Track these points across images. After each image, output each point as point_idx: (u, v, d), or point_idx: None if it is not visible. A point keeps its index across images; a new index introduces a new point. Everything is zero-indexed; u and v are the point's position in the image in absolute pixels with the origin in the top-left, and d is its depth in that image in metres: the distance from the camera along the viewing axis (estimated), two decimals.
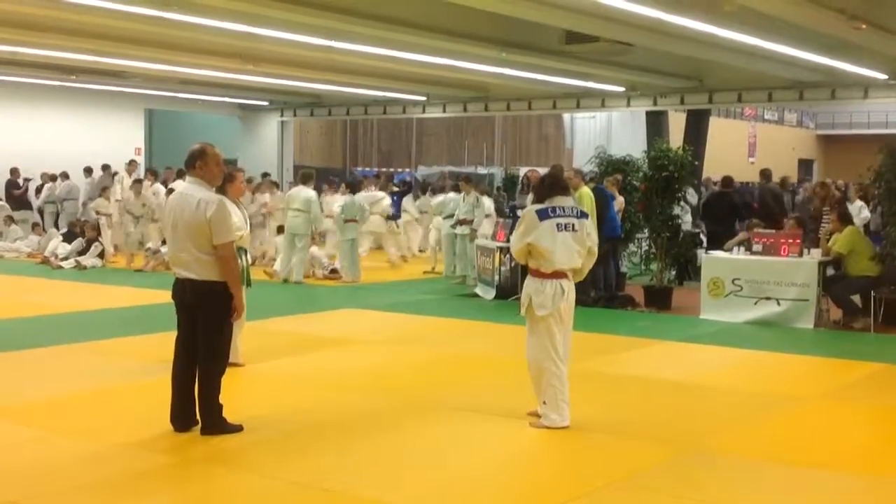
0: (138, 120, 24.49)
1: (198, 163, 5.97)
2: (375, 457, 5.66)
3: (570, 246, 6.27)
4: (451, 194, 16.01)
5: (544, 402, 6.25)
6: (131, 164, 20.04)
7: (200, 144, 6.11)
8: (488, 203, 15.72)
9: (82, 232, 17.27)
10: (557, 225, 6.24)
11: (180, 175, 17.30)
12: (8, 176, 20.94)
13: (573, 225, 6.29)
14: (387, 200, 17.49)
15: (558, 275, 6.26)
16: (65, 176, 20.48)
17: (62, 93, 21.61)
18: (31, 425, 6.26)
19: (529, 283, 6.36)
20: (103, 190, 17.96)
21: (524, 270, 13.07)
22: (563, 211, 6.31)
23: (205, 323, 5.95)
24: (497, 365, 8.58)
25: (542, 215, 6.25)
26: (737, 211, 14.74)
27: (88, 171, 20.37)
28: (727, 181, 15.54)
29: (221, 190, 6.92)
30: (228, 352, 6.20)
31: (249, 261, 8.18)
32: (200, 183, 5.97)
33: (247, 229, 7.89)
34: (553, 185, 6.46)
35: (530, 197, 16.47)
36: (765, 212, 14.46)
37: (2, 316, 10.86)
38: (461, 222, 14.79)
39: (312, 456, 5.65)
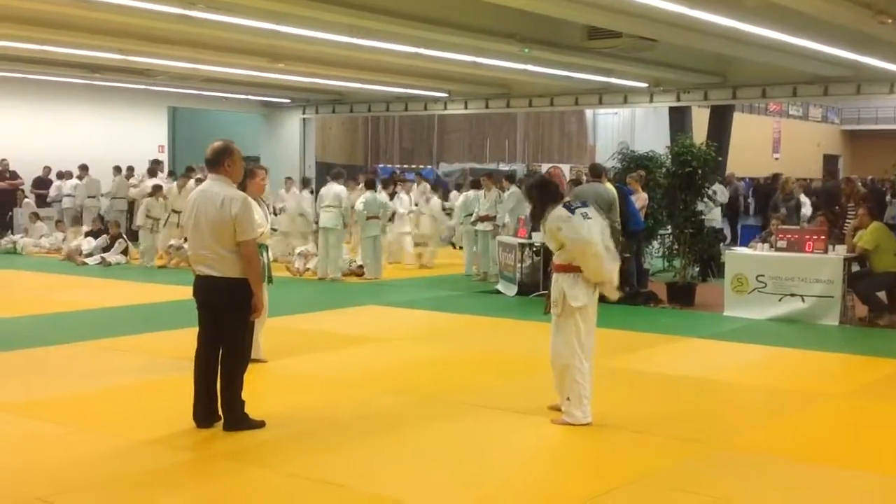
0: (162, 118, 24.65)
1: (226, 161, 5.97)
2: (396, 455, 5.67)
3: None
4: (471, 192, 15.98)
5: (567, 399, 6.24)
6: (156, 164, 20.19)
7: (224, 142, 6.11)
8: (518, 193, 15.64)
9: (106, 229, 17.41)
10: (583, 214, 6.28)
11: None
12: (38, 173, 21.17)
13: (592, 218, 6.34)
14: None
15: None
16: (83, 168, 20.59)
17: (86, 91, 21.78)
18: (55, 421, 6.30)
19: (561, 279, 6.30)
20: (156, 190, 17.08)
21: (545, 268, 13.13)
22: (582, 205, 6.40)
23: (226, 320, 5.97)
24: (519, 362, 8.57)
25: (569, 209, 6.30)
26: None
27: (118, 169, 20.47)
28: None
29: (242, 186, 6.96)
30: (250, 349, 6.22)
31: (271, 257, 8.20)
32: (224, 180, 5.98)
33: (267, 226, 7.88)
34: (546, 195, 6.45)
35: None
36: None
37: (27, 312, 10.97)
38: (482, 219, 14.78)
39: (333, 453, 5.66)
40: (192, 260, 6.08)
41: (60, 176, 20.94)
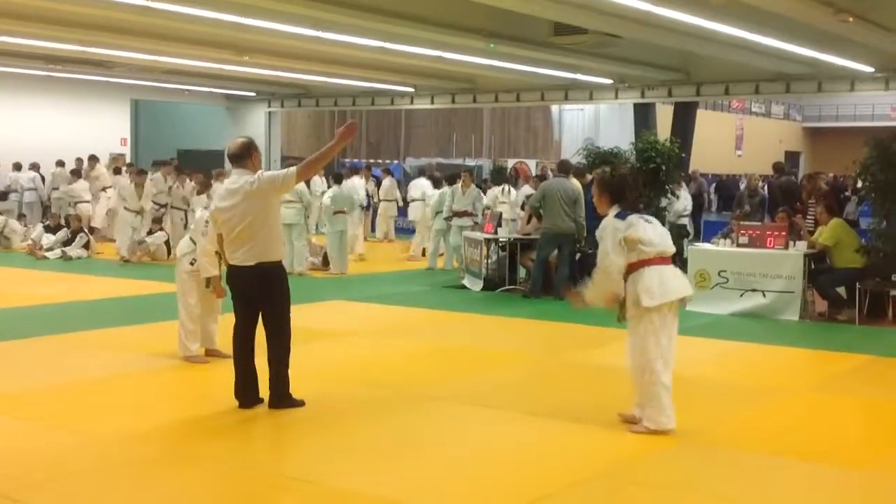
0: (124, 110, 24.36)
1: (253, 153, 6.37)
2: (364, 449, 5.65)
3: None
4: (445, 188, 15.91)
5: (647, 405, 5.98)
6: (118, 159, 19.99)
7: (247, 138, 6.55)
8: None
9: (67, 223, 17.19)
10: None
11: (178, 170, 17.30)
12: None
13: None
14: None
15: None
16: (34, 166, 20.36)
17: (47, 83, 21.45)
18: (18, 416, 6.23)
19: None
20: (137, 187, 16.43)
21: (511, 262, 13.18)
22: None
23: (269, 306, 6.29)
24: (485, 356, 8.60)
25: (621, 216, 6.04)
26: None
27: (60, 163, 20.21)
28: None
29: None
30: (291, 332, 6.42)
31: None
32: (248, 173, 6.30)
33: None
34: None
35: (524, 188, 16.56)
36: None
37: None
38: (458, 214, 14.77)
39: (301, 448, 5.64)
40: (231, 251, 6.28)
41: (17, 168, 20.61)
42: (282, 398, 6.33)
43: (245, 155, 6.33)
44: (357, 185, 17.38)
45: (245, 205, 6.16)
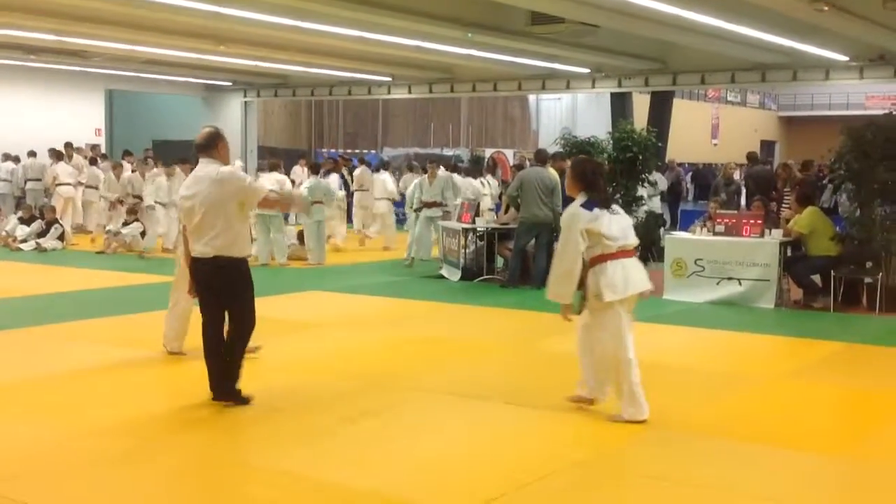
0: (99, 101, 24.15)
1: (219, 143, 6.30)
2: (344, 441, 5.66)
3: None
4: (415, 179, 15.92)
5: (620, 394, 6.03)
6: (94, 149, 19.84)
7: (214, 127, 6.49)
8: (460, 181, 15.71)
9: (41, 214, 17.05)
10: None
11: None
12: None
13: None
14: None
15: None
16: (7, 157, 20.16)
17: (21, 73, 21.24)
18: None
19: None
20: (115, 168, 17.00)
21: (489, 252, 13.20)
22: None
23: (230, 299, 6.23)
24: (464, 346, 8.61)
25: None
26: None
27: (32, 153, 20.04)
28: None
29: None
30: (252, 328, 6.40)
31: None
32: (216, 162, 6.24)
33: None
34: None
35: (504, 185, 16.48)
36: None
37: None
38: (428, 205, 14.77)
39: (276, 441, 5.64)
40: (193, 242, 6.20)
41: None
42: (228, 392, 6.22)
43: (211, 145, 6.27)
44: (332, 179, 17.30)
45: (206, 193, 6.10)
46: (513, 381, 7.27)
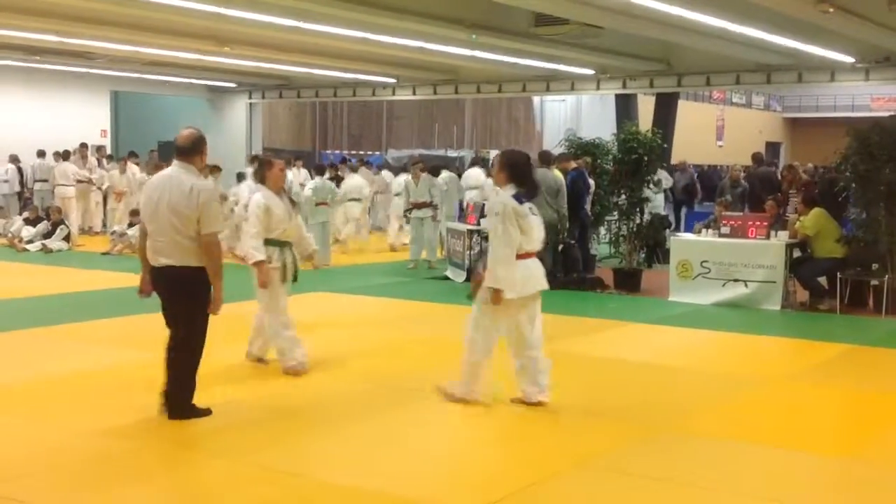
0: (104, 102, 24.17)
1: (202, 149, 5.90)
2: (346, 441, 5.65)
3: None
4: (403, 182, 15.82)
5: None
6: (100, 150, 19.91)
7: (198, 130, 6.02)
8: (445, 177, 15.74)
9: (47, 215, 17.07)
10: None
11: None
12: None
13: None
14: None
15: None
16: (14, 159, 20.20)
17: (26, 74, 21.25)
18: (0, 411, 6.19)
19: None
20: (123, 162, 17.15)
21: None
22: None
23: (182, 310, 5.81)
24: None
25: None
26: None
27: (41, 153, 20.07)
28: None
29: (261, 178, 6.88)
30: (203, 343, 5.95)
31: (296, 256, 7.77)
32: (192, 170, 5.84)
33: (292, 222, 7.48)
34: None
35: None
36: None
37: None
38: (417, 206, 14.70)
39: (283, 441, 5.63)
40: (150, 249, 5.83)
41: None
42: (181, 409, 5.82)
43: (194, 150, 5.86)
44: (356, 179, 17.37)
45: (168, 200, 5.68)
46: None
